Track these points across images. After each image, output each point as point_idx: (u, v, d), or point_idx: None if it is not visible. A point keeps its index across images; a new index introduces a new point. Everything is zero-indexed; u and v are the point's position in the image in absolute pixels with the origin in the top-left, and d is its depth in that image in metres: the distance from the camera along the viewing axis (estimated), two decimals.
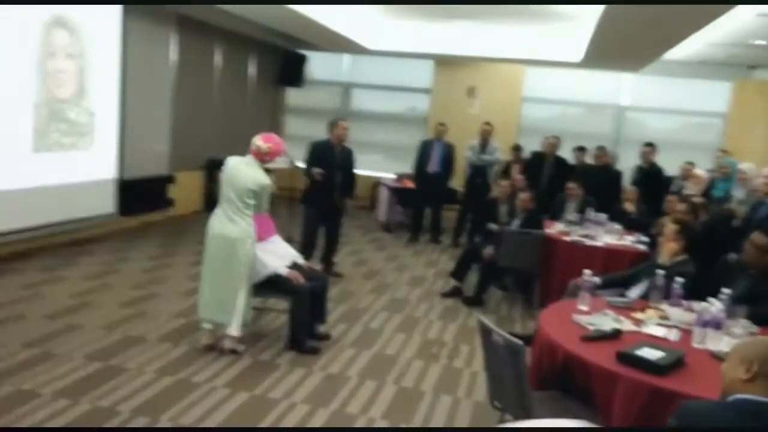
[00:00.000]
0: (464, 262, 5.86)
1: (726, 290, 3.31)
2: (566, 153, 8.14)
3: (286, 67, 10.52)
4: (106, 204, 6.98)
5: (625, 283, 4.15)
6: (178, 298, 5.16)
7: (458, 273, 5.85)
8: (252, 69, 10.10)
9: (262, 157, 3.95)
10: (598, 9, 5.36)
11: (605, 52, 7.41)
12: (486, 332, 2.82)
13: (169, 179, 8.04)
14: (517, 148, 8.29)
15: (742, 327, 2.99)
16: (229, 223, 3.95)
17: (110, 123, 6.89)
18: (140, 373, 3.72)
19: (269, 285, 4.17)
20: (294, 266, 4.32)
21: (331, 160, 5.85)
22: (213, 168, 4.23)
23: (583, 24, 6.72)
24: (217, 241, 3.97)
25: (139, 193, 7.48)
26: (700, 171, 6.84)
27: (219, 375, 3.78)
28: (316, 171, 5.77)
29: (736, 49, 7.59)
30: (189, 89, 8.45)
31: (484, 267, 5.65)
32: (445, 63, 10.29)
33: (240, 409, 3.42)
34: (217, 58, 9.13)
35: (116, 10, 6.78)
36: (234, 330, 4.01)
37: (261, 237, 4.26)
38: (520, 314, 5.60)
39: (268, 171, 4.07)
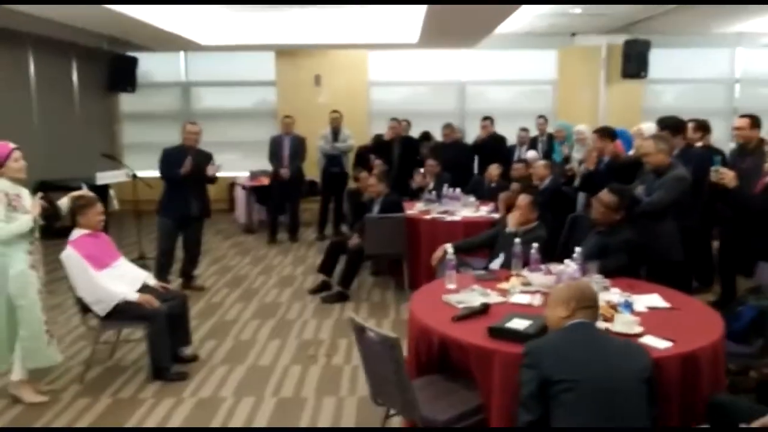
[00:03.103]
0: (331, 254, 5.71)
1: (578, 249, 3.46)
2: (416, 134, 8.32)
3: (115, 71, 9.68)
4: None
5: (481, 246, 4.48)
6: None
7: (325, 267, 5.70)
8: (76, 77, 9.16)
9: None
10: None
11: (439, 31, 7.55)
12: (359, 330, 2.71)
13: None
14: (377, 138, 8.25)
15: (595, 282, 3.11)
16: None
17: None
18: None
19: (120, 314, 3.78)
20: (144, 288, 3.96)
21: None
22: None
23: (416, 7, 6.77)
24: None
25: None
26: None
27: (73, 424, 3.35)
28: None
29: (558, 18, 8.09)
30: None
31: (348, 258, 5.53)
32: (286, 54, 9.99)
33: None
34: (31, 68, 8.16)
35: None
36: (15, 374, 3.55)
37: (103, 262, 3.85)
38: (394, 298, 5.57)
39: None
